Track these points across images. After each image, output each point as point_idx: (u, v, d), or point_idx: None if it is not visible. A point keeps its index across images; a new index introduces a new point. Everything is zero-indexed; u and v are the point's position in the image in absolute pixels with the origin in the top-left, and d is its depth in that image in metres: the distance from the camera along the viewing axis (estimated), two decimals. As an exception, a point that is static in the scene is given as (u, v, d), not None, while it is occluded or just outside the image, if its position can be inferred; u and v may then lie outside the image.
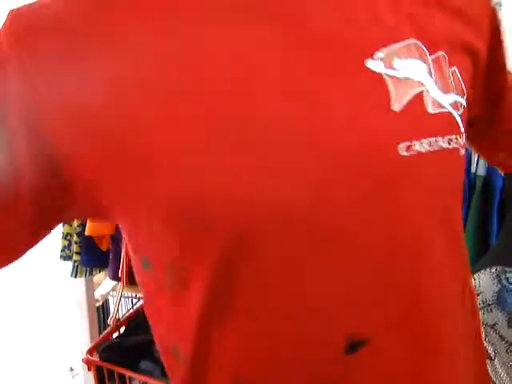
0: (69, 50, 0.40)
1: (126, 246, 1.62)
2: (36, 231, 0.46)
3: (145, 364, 1.74)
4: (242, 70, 0.39)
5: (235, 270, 0.42)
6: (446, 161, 0.45)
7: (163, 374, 1.68)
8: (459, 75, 0.48)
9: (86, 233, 1.63)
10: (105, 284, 2.29)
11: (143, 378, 1.68)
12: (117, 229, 1.67)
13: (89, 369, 1.77)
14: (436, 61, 0.45)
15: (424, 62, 0.44)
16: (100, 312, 2.34)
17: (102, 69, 0.40)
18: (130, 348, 1.78)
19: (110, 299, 2.44)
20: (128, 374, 1.69)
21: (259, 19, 0.40)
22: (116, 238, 1.68)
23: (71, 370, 2.57)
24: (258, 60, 0.39)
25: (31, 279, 3.11)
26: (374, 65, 0.41)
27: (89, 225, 1.63)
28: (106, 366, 1.72)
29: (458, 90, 0.48)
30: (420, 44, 0.44)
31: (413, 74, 0.43)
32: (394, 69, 0.42)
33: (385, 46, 0.42)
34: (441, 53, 0.46)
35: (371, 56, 0.42)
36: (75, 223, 1.69)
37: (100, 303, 2.19)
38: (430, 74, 0.44)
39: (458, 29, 0.48)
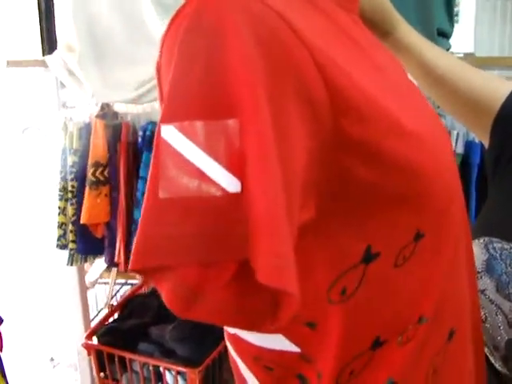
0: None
1: (121, 232, 1.72)
2: None
3: (143, 345, 1.79)
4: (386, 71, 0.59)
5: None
6: None
7: (164, 354, 1.75)
8: None
9: (82, 221, 1.71)
10: (92, 271, 2.36)
11: (144, 359, 1.74)
12: (112, 216, 1.74)
13: (88, 354, 1.84)
14: None
15: None
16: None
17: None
18: (128, 331, 1.84)
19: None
20: (128, 356, 1.75)
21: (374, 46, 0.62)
22: (111, 225, 1.75)
23: (52, 360, 2.62)
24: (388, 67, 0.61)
25: (16, 270, 3.12)
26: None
27: (84, 213, 1.70)
28: (107, 349, 1.78)
29: None
30: None
31: None
32: None
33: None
34: None
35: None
36: (70, 212, 1.76)
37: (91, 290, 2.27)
38: None
39: None
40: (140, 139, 1.71)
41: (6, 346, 1.33)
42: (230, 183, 0.43)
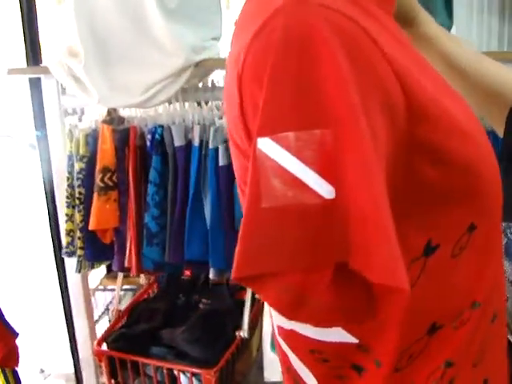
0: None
1: (132, 237, 1.73)
2: None
3: (156, 349, 1.82)
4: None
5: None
6: None
7: (176, 357, 1.78)
8: None
9: (90, 227, 1.71)
10: (92, 278, 2.37)
11: (158, 363, 1.78)
12: (121, 221, 1.75)
13: (100, 360, 1.86)
14: None
15: None
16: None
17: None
18: (138, 336, 1.87)
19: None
20: (142, 360, 1.78)
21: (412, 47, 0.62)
22: (120, 231, 1.76)
23: (42, 371, 2.61)
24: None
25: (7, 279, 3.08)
26: None
27: (93, 219, 1.70)
28: (118, 355, 1.81)
29: None
30: None
31: None
32: None
33: None
34: None
35: None
36: (77, 219, 1.77)
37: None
38: None
39: None
40: (148, 143, 1.71)
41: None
42: (325, 190, 0.47)
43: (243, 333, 1.79)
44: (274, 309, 0.51)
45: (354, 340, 0.59)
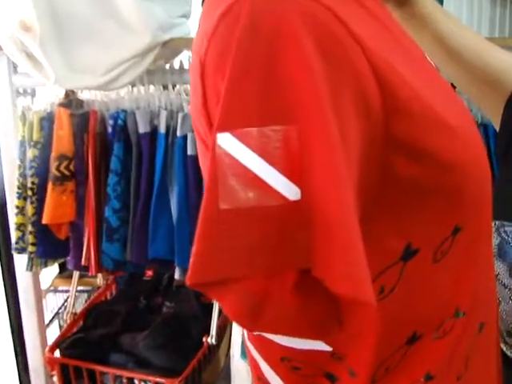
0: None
1: (91, 232, 1.71)
2: None
3: (115, 356, 1.80)
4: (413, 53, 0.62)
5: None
6: None
7: (137, 365, 1.76)
8: None
9: (44, 221, 1.68)
10: (43, 278, 2.33)
11: (117, 372, 1.75)
12: (77, 214, 1.73)
13: (52, 369, 1.82)
14: None
15: None
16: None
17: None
18: (96, 342, 1.85)
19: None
20: (99, 368, 1.75)
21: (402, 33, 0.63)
22: (77, 225, 1.74)
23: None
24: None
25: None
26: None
27: (47, 212, 1.67)
28: (73, 363, 1.78)
29: None
30: None
31: None
32: None
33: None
34: None
35: None
36: (29, 212, 1.73)
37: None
38: None
39: None
40: (110, 129, 1.69)
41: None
42: (290, 191, 0.47)
43: (211, 339, 1.78)
44: (233, 317, 0.50)
45: (327, 348, 0.60)
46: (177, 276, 1.71)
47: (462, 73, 0.88)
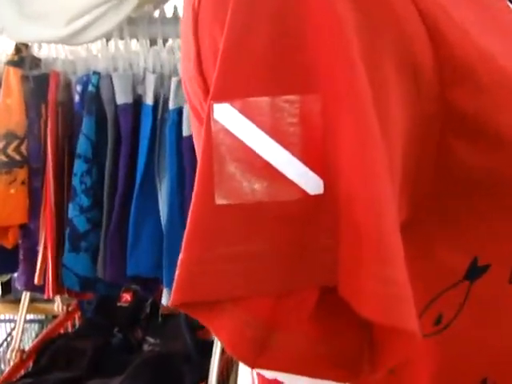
0: None
1: (48, 239, 1.68)
2: None
3: None
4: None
5: None
6: None
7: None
8: None
9: None
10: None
11: None
12: (32, 218, 1.70)
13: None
14: None
15: None
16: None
17: None
18: None
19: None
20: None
21: None
22: (29, 230, 1.72)
23: None
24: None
25: None
26: None
27: None
28: (18, 419, 1.77)
29: None
30: None
31: None
32: None
33: None
34: None
35: None
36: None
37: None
38: None
39: None
40: (77, 98, 1.69)
41: None
42: (309, 182, 0.46)
43: None
44: (230, 350, 0.49)
45: None
46: (164, 301, 1.71)
47: None
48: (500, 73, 0.52)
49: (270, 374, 0.62)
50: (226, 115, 0.47)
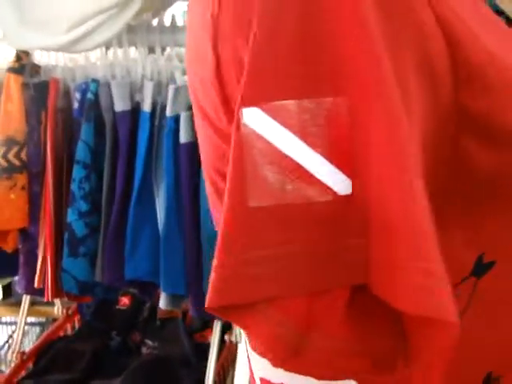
0: None
1: (48, 243, 1.69)
2: None
3: None
4: None
5: None
6: None
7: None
8: None
9: None
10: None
11: None
12: (31, 222, 1.72)
13: (-10, 426, 1.81)
14: None
15: None
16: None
17: None
18: None
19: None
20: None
21: None
22: (29, 234, 1.73)
23: None
24: None
25: None
26: None
27: None
28: (19, 419, 1.77)
29: None
30: None
31: None
32: None
33: None
34: None
35: None
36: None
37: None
38: None
39: None
40: (76, 105, 1.69)
41: None
42: (338, 182, 0.47)
43: None
44: (264, 353, 0.51)
45: None
46: (162, 305, 1.71)
47: None
48: (505, 73, 0.53)
49: (277, 377, 0.62)
50: (256, 119, 0.48)
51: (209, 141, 0.60)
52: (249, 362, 0.70)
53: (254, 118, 0.47)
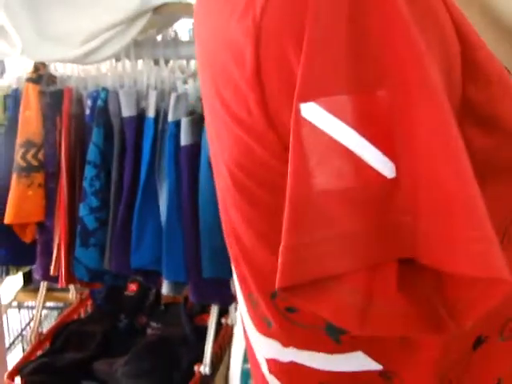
0: None
1: (62, 235, 1.76)
2: None
3: None
4: None
5: None
6: None
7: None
8: None
9: (6, 221, 1.74)
10: (4, 291, 2.38)
11: None
12: (47, 216, 1.78)
13: (11, 398, 1.90)
14: None
15: None
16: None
17: None
18: (64, 368, 1.90)
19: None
20: (67, 400, 1.79)
21: None
22: (45, 227, 1.80)
23: None
24: None
25: None
26: None
27: (9, 210, 1.74)
28: (36, 391, 1.81)
29: None
30: None
31: None
32: None
33: None
34: None
35: None
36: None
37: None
38: None
39: None
40: (88, 111, 1.74)
41: None
42: (386, 167, 0.50)
43: (204, 368, 1.81)
44: (339, 322, 0.53)
45: (376, 367, 0.64)
46: (164, 291, 1.76)
47: None
48: (497, 67, 0.55)
49: (285, 357, 0.67)
50: (312, 112, 0.49)
51: (234, 138, 0.60)
52: (249, 346, 0.74)
53: (311, 112, 0.49)
